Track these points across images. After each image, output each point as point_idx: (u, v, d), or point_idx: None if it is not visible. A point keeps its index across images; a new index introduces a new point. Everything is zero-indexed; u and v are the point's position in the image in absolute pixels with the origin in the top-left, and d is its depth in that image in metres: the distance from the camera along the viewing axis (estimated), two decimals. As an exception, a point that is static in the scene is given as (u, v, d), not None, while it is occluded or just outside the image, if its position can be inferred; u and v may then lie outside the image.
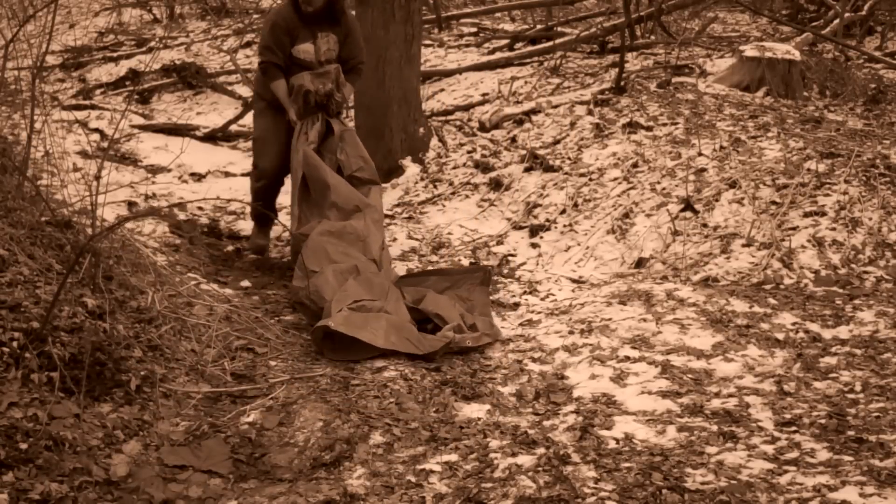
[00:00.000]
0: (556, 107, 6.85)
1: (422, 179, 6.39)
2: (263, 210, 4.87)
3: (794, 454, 2.92)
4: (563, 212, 5.58)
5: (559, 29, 9.30)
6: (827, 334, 3.91)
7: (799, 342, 3.84)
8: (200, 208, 5.81)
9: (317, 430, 3.15)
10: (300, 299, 4.25)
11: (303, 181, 4.71)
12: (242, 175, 6.56)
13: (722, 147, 5.79)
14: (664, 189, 5.47)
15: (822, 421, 3.13)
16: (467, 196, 6.09)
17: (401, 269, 5.05)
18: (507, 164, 6.25)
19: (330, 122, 4.90)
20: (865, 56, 8.75)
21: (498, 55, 8.81)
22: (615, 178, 5.75)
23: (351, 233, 4.50)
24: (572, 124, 6.53)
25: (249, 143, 7.72)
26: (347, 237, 4.48)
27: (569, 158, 6.10)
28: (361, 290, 4.13)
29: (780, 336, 3.88)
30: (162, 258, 4.48)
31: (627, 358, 3.71)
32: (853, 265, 4.54)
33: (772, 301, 4.22)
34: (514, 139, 6.58)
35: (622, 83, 6.96)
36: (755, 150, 5.71)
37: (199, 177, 6.69)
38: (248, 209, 5.59)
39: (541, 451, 2.98)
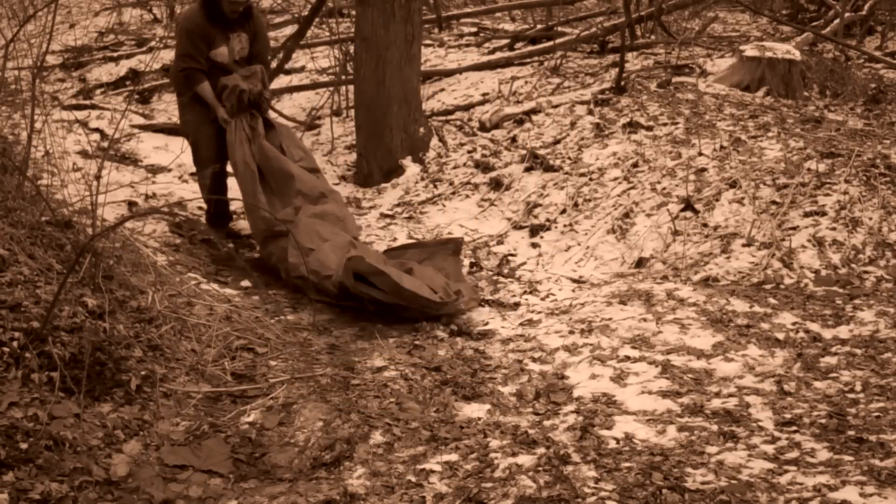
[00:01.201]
0: (556, 107, 6.85)
1: (422, 179, 6.40)
2: (219, 198, 5.19)
3: (794, 454, 2.92)
4: (564, 212, 5.58)
5: (559, 29, 9.29)
6: (827, 334, 3.91)
7: (799, 342, 3.84)
8: (200, 208, 5.80)
9: (317, 430, 3.15)
10: (300, 273, 4.49)
11: (259, 173, 4.91)
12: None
13: (722, 147, 5.79)
14: (664, 189, 5.47)
15: (822, 421, 3.13)
16: (467, 196, 6.09)
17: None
18: (507, 164, 6.25)
19: (265, 119, 5.12)
20: (865, 56, 8.75)
21: (498, 55, 8.80)
22: (615, 178, 5.75)
23: (331, 214, 4.84)
24: (572, 124, 6.53)
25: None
26: (329, 218, 4.81)
27: (569, 158, 6.10)
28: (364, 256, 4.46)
29: (781, 336, 3.88)
30: (162, 258, 4.48)
31: (627, 358, 3.71)
32: (853, 265, 4.54)
33: (772, 301, 4.22)
34: (514, 139, 6.58)
35: (622, 83, 6.96)
36: (755, 149, 5.71)
37: (199, 176, 6.68)
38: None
39: (541, 450, 2.98)
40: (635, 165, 5.80)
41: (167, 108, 8.84)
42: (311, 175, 5.01)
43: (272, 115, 5.63)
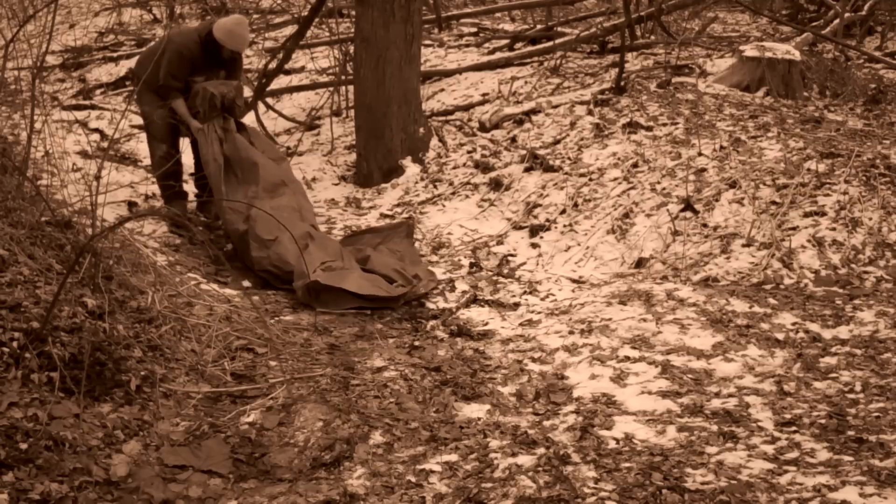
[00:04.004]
0: (556, 107, 6.85)
1: (422, 179, 6.40)
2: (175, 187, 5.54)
3: (794, 454, 2.92)
4: (563, 212, 5.58)
5: (559, 29, 9.30)
6: (827, 334, 3.91)
7: (799, 342, 3.84)
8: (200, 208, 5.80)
9: (317, 430, 3.15)
10: (264, 267, 4.79)
11: (226, 165, 5.20)
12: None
13: (722, 147, 5.79)
14: (664, 189, 5.47)
15: (822, 421, 3.13)
16: (467, 196, 6.09)
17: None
18: (507, 164, 6.25)
19: (236, 121, 5.43)
20: (865, 56, 8.75)
21: (498, 55, 8.81)
22: (615, 178, 5.75)
23: (286, 206, 5.09)
24: (572, 124, 6.53)
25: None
26: (285, 209, 5.04)
27: (569, 158, 6.09)
28: (322, 252, 4.80)
29: (780, 336, 3.88)
30: (162, 258, 4.49)
31: (627, 358, 3.71)
32: (853, 265, 4.54)
33: (772, 301, 4.22)
34: (514, 139, 6.58)
35: (622, 83, 6.96)
36: (755, 150, 5.71)
37: (199, 176, 6.69)
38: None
39: (541, 451, 2.98)
40: (635, 165, 5.80)
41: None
42: (275, 165, 5.32)
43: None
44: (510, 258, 5.26)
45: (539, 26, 9.51)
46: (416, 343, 4.05)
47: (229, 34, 5.29)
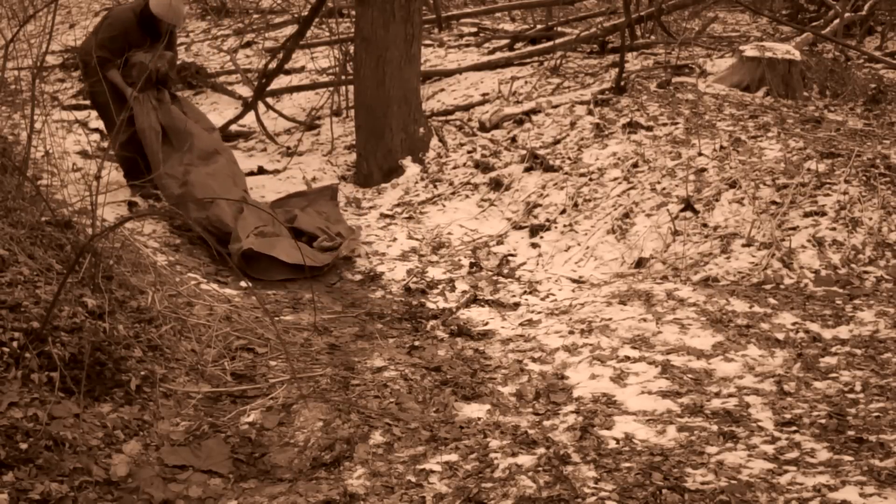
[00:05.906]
0: (556, 107, 6.85)
1: (422, 179, 6.39)
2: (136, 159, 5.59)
3: (794, 454, 2.92)
4: (564, 212, 5.58)
5: (559, 29, 9.30)
6: (827, 334, 3.91)
7: (799, 342, 3.84)
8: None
9: (317, 430, 3.15)
10: (204, 227, 5.08)
11: (162, 134, 5.50)
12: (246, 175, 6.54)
13: (722, 147, 5.79)
14: (664, 189, 5.47)
15: (822, 421, 3.13)
16: (467, 196, 6.09)
17: (401, 269, 5.07)
18: (507, 164, 6.25)
19: (170, 93, 5.76)
20: (865, 56, 8.75)
21: (498, 55, 8.80)
22: (615, 178, 5.75)
23: (220, 172, 5.46)
24: (572, 124, 6.53)
25: (250, 143, 7.73)
26: (220, 176, 5.43)
27: (569, 158, 6.09)
28: (255, 218, 5.12)
29: (780, 336, 3.88)
30: (162, 258, 4.49)
31: (627, 358, 3.71)
32: (853, 265, 4.54)
33: (772, 301, 4.22)
34: (514, 139, 6.58)
35: (622, 83, 6.96)
36: (755, 150, 5.70)
37: (199, 176, 6.68)
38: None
39: (541, 451, 2.98)
40: (635, 165, 5.80)
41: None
42: (208, 134, 5.69)
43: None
44: (510, 258, 5.26)
45: (539, 26, 9.51)
46: (416, 343, 4.05)
47: (167, 8, 5.43)
